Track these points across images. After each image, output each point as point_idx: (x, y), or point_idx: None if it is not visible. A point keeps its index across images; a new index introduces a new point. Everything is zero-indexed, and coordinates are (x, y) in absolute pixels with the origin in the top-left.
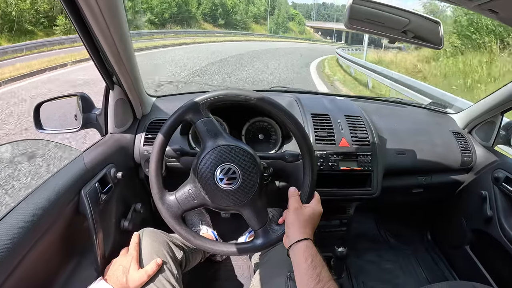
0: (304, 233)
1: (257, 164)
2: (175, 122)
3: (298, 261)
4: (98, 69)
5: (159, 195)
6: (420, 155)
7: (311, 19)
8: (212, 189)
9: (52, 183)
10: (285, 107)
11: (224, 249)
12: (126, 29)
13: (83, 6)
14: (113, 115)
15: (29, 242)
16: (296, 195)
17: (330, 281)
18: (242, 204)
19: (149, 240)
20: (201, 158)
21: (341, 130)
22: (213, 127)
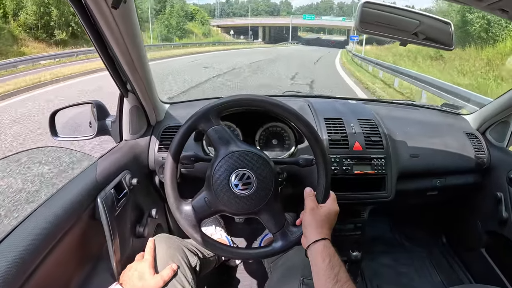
0: (321, 233)
1: (270, 168)
2: (187, 131)
3: (316, 261)
4: (113, 77)
5: (175, 204)
6: (434, 157)
7: (216, 18)
8: (227, 196)
9: (69, 190)
10: (292, 108)
11: (244, 255)
12: (140, 38)
13: (98, 18)
14: (128, 122)
15: (46, 247)
16: (312, 196)
17: (348, 282)
18: (259, 209)
19: (164, 246)
20: (215, 165)
21: (354, 133)
22: (225, 134)
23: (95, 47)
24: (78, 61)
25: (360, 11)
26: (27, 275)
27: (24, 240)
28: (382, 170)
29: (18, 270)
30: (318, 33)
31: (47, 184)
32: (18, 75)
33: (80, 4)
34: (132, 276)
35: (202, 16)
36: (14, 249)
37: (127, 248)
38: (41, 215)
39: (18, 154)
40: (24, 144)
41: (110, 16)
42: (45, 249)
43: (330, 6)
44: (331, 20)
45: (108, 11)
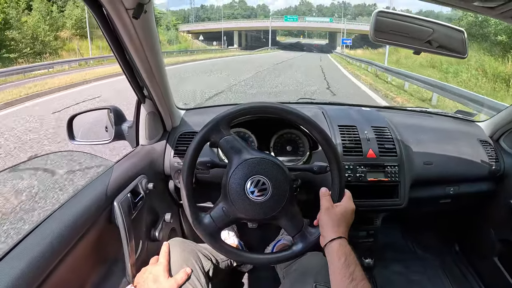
0: (338, 231)
1: (285, 173)
2: (200, 143)
3: (332, 260)
4: (131, 83)
5: (194, 216)
6: (447, 165)
7: (190, 23)
8: (244, 203)
9: (86, 193)
10: (306, 115)
11: (267, 260)
12: (158, 46)
13: (119, 27)
14: (144, 128)
15: (63, 250)
16: (327, 195)
17: (363, 280)
18: (276, 213)
19: (179, 250)
20: (229, 175)
21: (368, 141)
22: (236, 143)
23: (114, 54)
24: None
25: (375, 20)
26: (44, 277)
27: (41, 243)
28: (395, 178)
29: (34, 272)
30: (297, 37)
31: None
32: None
33: (101, 14)
34: (147, 278)
35: (168, 21)
36: (31, 251)
37: (142, 251)
38: (58, 218)
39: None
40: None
41: (131, 25)
42: (61, 252)
43: (309, 9)
44: (316, 21)
45: (129, 21)
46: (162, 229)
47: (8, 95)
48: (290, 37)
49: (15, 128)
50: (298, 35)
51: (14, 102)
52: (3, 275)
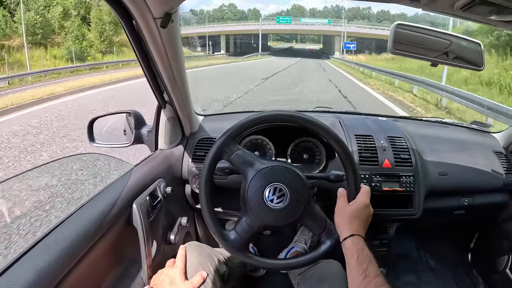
0: (350, 229)
1: (298, 176)
2: (214, 160)
3: (347, 258)
4: (153, 89)
5: (219, 234)
6: (462, 176)
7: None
8: (266, 212)
9: (106, 195)
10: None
11: (296, 263)
12: (182, 53)
13: (146, 35)
14: (164, 132)
15: (82, 250)
16: (344, 196)
17: (377, 277)
18: (298, 216)
19: (195, 253)
20: (247, 187)
21: (384, 151)
22: (247, 157)
23: (139, 61)
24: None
25: (394, 32)
26: (63, 274)
27: (60, 243)
28: (410, 188)
29: (54, 269)
30: (289, 42)
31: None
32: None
33: (129, 22)
34: (163, 281)
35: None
36: (52, 249)
37: (158, 254)
38: (79, 217)
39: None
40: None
41: (158, 34)
42: (81, 251)
43: (301, 12)
44: (313, 23)
45: (156, 30)
46: (178, 232)
47: None
48: (282, 42)
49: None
50: (290, 40)
51: None
52: (25, 270)
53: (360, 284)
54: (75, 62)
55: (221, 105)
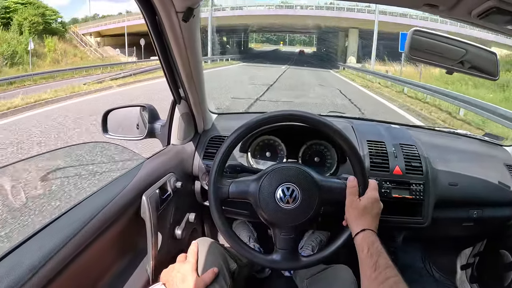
0: (361, 224)
1: (310, 176)
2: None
3: (358, 252)
4: (169, 84)
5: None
6: (473, 188)
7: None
8: (277, 212)
9: (117, 185)
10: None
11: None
12: (200, 50)
13: (167, 29)
14: (177, 128)
15: (90, 236)
16: (354, 186)
17: (388, 268)
18: (310, 216)
19: (207, 250)
20: (258, 186)
21: (396, 158)
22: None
23: (158, 56)
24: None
25: (411, 38)
26: (70, 259)
27: (67, 228)
28: (420, 196)
29: (59, 255)
30: (276, 44)
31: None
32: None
33: (153, 16)
34: (175, 277)
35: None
36: (57, 236)
37: (163, 247)
38: (89, 205)
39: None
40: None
41: (179, 28)
42: (88, 239)
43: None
44: (311, 4)
45: (178, 24)
46: (185, 228)
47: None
48: (268, 44)
49: None
50: (278, 41)
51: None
52: (31, 253)
53: (371, 276)
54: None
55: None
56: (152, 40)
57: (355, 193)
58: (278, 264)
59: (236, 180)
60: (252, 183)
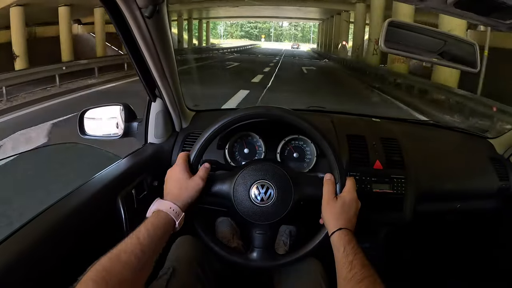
0: (336, 223)
1: (283, 173)
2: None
3: (334, 251)
4: (142, 81)
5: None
6: (455, 181)
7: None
8: (253, 210)
9: (90, 186)
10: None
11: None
12: (171, 46)
13: (132, 26)
14: (154, 126)
15: (63, 239)
16: (331, 183)
17: (364, 268)
18: (286, 213)
19: (188, 248)
20: (233, 184)
21: (376, 152)
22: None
23: (127, 52)
24: None
25: (386, 30)
26: (40, 264)
27: (41, 231)
28: (401, 190)
29: (33, 259)
30: (257, 39)
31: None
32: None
33: (117, 12)
34: (171, 186)
35: None
36: (31, 237)
37: None
38: (60, 208)
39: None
40: None
41: (144, 25)
42: (62, 241)
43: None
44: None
45: (142, 20)
46: None
47: None
48: (247, 40)
49: None
50: (259, 36)
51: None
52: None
53: (347, 276)
54: None
55: None
56: (120, 37)
57: (332, 191)
58: (254, 263)
59: (210, 175)
60: (226, 180)
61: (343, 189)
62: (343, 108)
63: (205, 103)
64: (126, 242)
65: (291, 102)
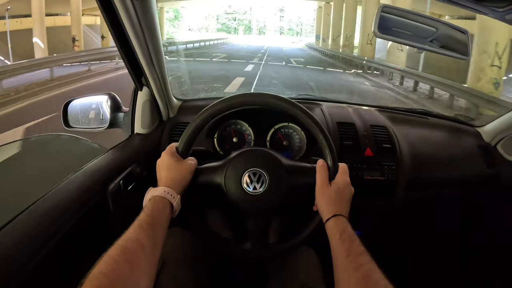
0: (332, 210)
1: (277, 159)
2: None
3: (330, 238)
4: (129, 69)
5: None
6: (444, 168)
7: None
8: (246, 199)
9: (78, 179)
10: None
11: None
12: (158, 33)
13: (120, 9)
14: (140, 116)
15: (51, 234)
16: (324, 170)
17: (360, 255)
18: (280, 202)
19: (179, 239)
20: (224, 173)
21: (366, 139)
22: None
23: (114, 38)
24: None
25: (379, 16)
26: (32, 258)
27: (29, 226)
28: (392, 177)
29: (24, 253)
30: (236, 33)
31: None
32: None
33: None
34: (162, 173)
35: None
36: (19, 233)
37: None
38: (48, 202)
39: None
40: None
41: (132, 8)
42: (51, 235)
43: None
44: None
45: (131, 3)
46: None
47: None
48: (225, 33)
49: None
50: (237, 29)
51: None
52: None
53: (343, 263)
54: None
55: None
56: (106, 23)
57: (325, 177)
58: (248, 253)
59: (200, 167)
60: (217, 170)
61: (336, 174)
62: (333, 96)
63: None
64: (130, 231)
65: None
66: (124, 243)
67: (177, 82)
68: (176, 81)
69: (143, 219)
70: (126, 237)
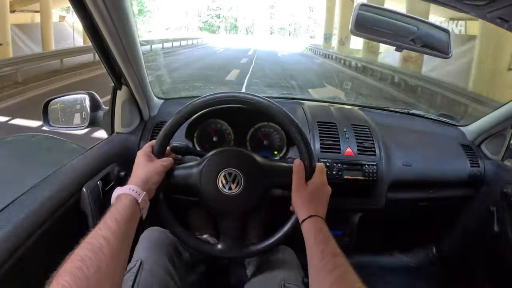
0: (307, 210)
1: (253, 160)
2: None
3: (305, 239)
4: (106, 68)
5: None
6: (427, 168)
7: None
8: (221, 199)
9: (55, 178)
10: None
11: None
12: (135, 32)
13: (92, 9)
14: (120, 115)
15: (28, 234)
16: (301, 170)
17: (335, 257)
18: (257, 202)
19: (156, 240)
20: (200, 172)
21: (347, 138)
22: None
23: (89, 37)
24: None
25: (356, 14)
26: (6, 258)
27: (3, 227)
28: (373, 177)
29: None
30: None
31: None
32: None
33: None
34: (133, 171)
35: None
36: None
37: None
38: (24, 202)
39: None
40: None
41: (103, 6)
42: (27, 235)
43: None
44: None
45: (102, 2)
46: None
47: None
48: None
49: None
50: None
51: None
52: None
53: (318, 265)
54: None
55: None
56: (80, 20)
57: (302, 177)
58: (225, 253)
59: (177, 167)
60: (193, 169)
61: (313, 175)
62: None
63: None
64: (96, 229)
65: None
66: (90, 240)
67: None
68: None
69: (108, 216)
70: (92, 234)
